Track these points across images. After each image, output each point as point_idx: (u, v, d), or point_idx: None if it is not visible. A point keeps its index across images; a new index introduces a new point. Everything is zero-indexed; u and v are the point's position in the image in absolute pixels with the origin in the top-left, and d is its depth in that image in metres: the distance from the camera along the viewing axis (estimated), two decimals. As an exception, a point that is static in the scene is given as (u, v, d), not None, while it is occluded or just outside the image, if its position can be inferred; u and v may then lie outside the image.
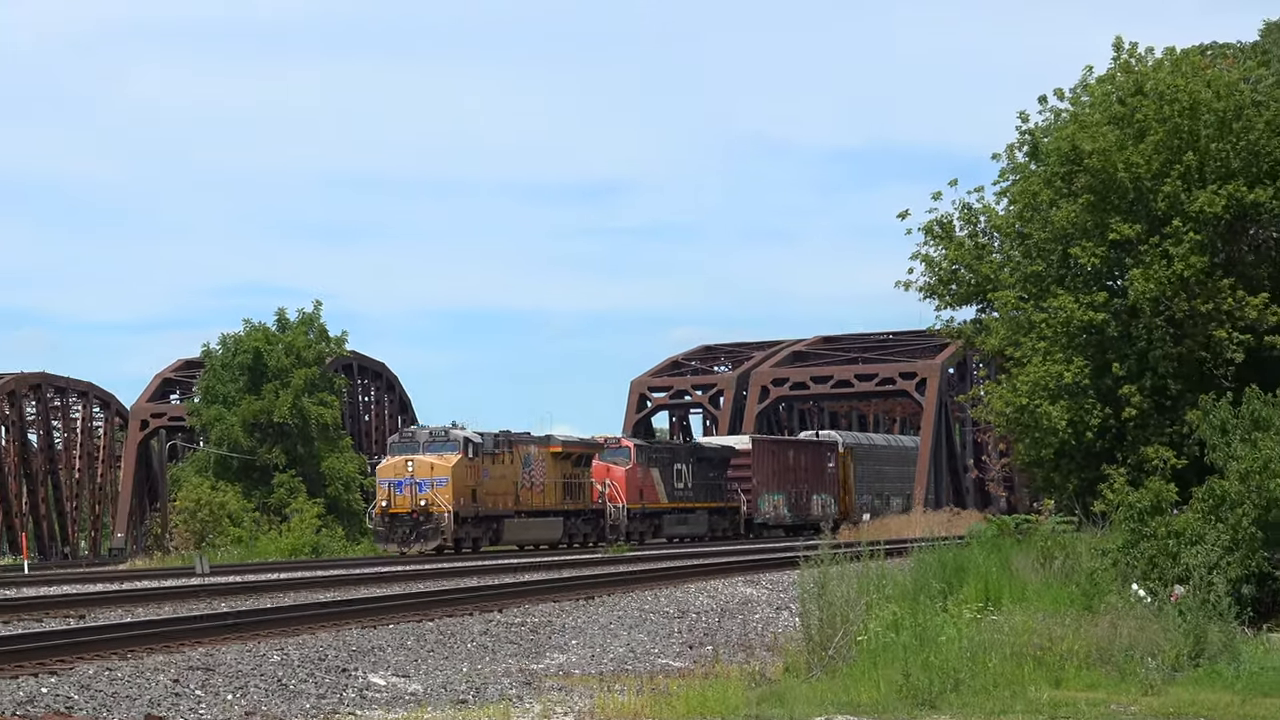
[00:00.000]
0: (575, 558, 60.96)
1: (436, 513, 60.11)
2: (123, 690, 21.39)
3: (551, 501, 68.12)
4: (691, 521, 77.48)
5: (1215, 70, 34.05)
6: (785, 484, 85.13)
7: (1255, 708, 18.99)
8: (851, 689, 20.16)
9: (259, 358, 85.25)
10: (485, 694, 22.10)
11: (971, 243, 35.24)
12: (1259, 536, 26.38)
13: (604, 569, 47.90)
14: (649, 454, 76.03)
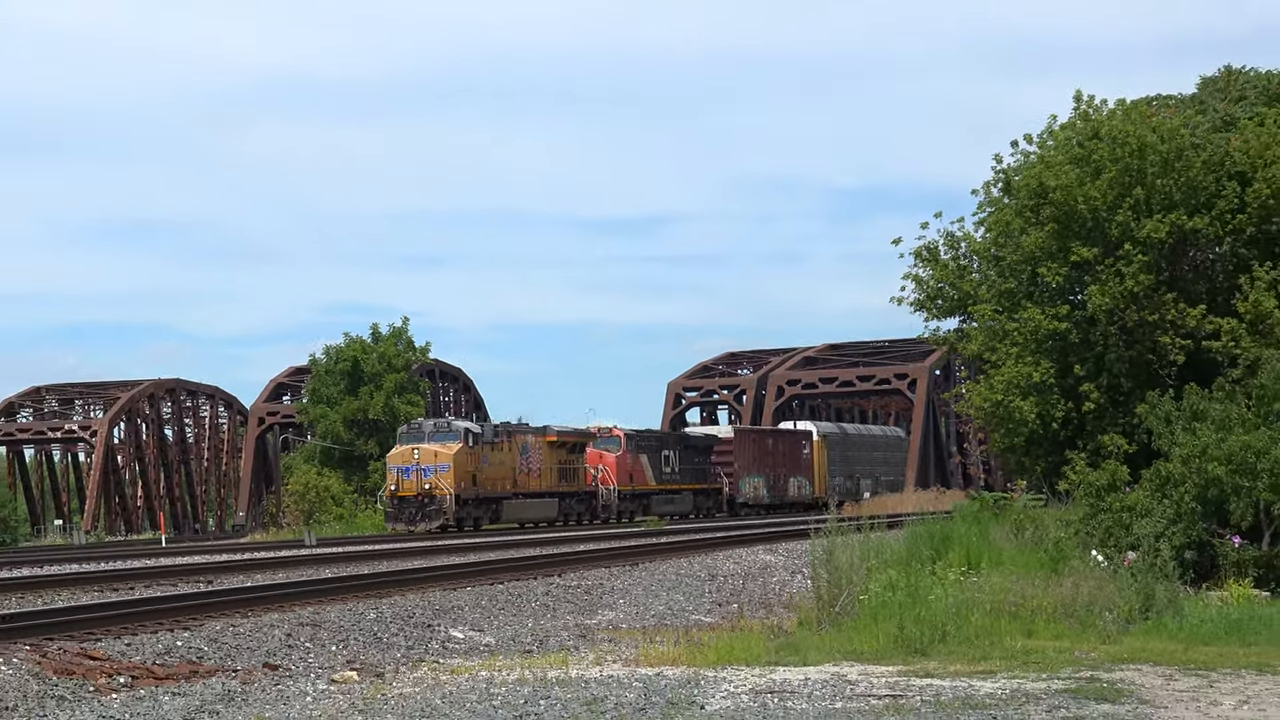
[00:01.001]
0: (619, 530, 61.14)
1: (439, 495, 58.77)
2: (244, 643, 21.44)
3: (547, 484, 66.10)
4: (677, 501, 75.41)
5: (1159, 118, 33.97)
6: (764, 468, 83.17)
7: (1196, 654, 18.90)
8: (855, 640, 20.11)
9: (356, 365, 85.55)
10: (547, 645, 22.10)
11: (954, 264, 35.19)
12: (1198, 510, 26.28)
13: (645, 540, 47.85)
14: (638, 442, 73.97)
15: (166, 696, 16.83)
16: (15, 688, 17.21)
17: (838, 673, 17.65)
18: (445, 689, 17.02)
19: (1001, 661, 18.32)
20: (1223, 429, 26.72)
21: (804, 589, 25.72)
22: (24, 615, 23.08)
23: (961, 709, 14.96)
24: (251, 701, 16.43)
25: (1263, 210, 31.79)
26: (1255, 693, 15.96)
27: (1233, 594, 24.29)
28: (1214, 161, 32.23)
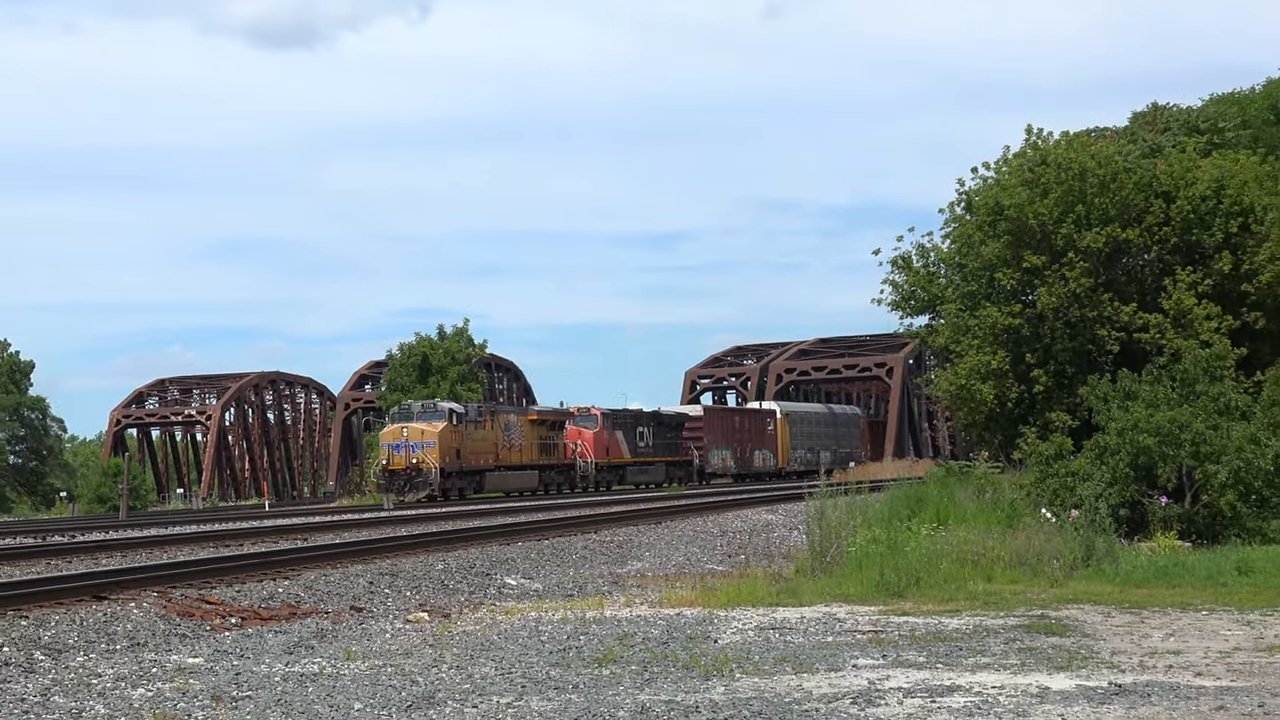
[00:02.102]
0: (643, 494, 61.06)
1: (425, 469, 56.00)
2: (334, 589, 21.54)
3: (529, 458, 62.94)
4: (651, 471, 72.38)
5: (1097, 146, 33.91)
6: (731, 442, 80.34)
7: (1129, 595, 18.90)
8: (843, 585, 20.14)
9: (426, 359, 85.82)
10: (586, 590, 22.18)
11: (924, 271, 35.13)
12: (1131, 475, 26.24)
13: (666, 503, 47.90)
14: (614, 420, 70.76)
15: (270, 634, 16.93)
16: (146, 627, 17.33)
17: (828, 612, 17.69)
18: (501, 627, 17.10)
19: (966, 602, 18.36)
20: (1151, 407, 26.69)
21: (800, 543, 25.76)
22: (152, 567, 23.22)
23: (932, 642, 14.99)
24: (340, 638, 16.53)
25: (1184, 224, 31.74)
26: (1179, 627, 15.98)
27: (1160, 545, 24.27)
28: (1143, 183, 32.16)
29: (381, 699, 12.17)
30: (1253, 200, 31.83)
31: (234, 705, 12.10)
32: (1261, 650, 14.19)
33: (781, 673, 13.13)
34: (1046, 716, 10.82)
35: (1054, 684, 12.27)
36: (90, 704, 12.26)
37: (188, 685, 13.14)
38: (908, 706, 11.36)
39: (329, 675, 13.59)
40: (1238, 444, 25.83)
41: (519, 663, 14.03)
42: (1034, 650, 14.23)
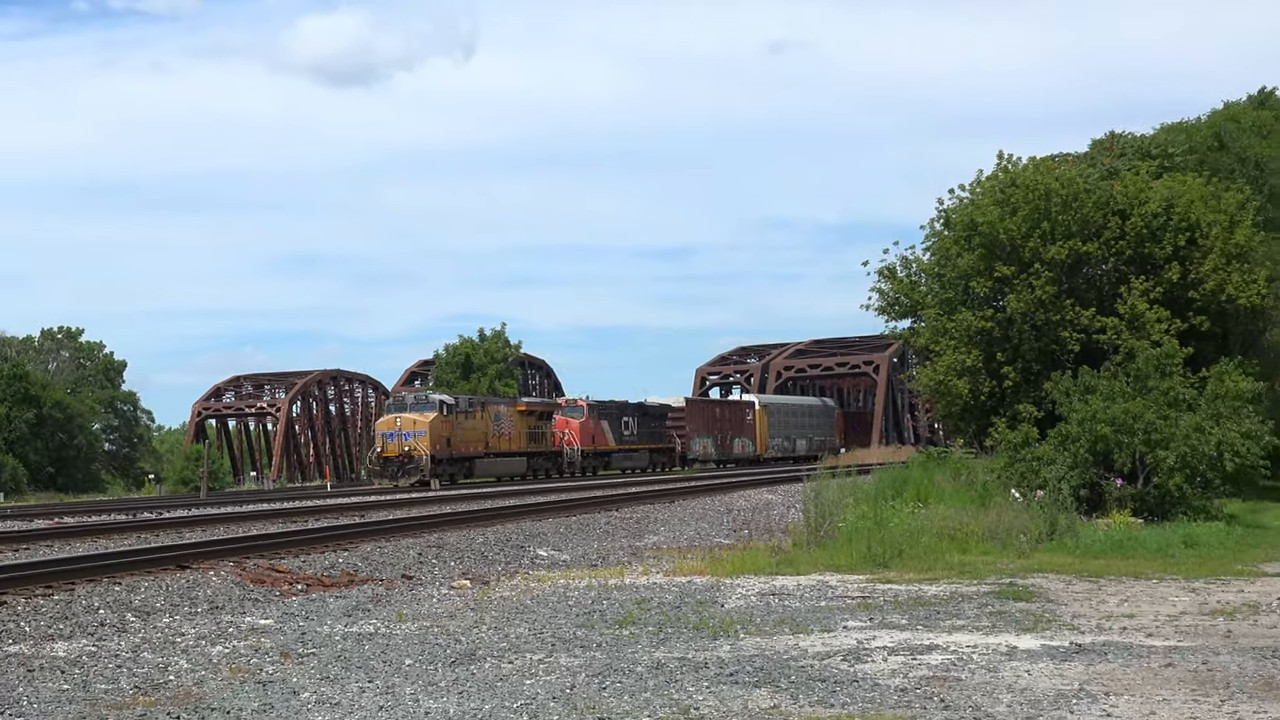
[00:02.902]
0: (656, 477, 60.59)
1: (417, 456, 53.29)
2: (388, 559, 21.60)
3: (517, 446, 59.80)
4: (635, 458, 69.09)
5: (1060, 169, 33.80)
6: (712, 431, 77.65)
7: (1088, 565, 18.87)
8: (835, 556, 20.14)
9: (468, 358, 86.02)
10: (608, 560, 22.20)
11: (907, 280, 35.03)
12: (1090, 459, 26.21)
13: (679, 484, 47.93)
14: (600, 410, 67.39)
15: (331, 599, 16.99)
16: (223, 592, 17.40)
17: (822, 580, 17.70)
18: (533, 592, 17.13)
19: (943, 572, 18.35)
20: (1108, 399, 26.65)
21: (797, 520, 25.76)
22: (228, 540, 23.32)
23: (914, 606, 14.98)
24: (393, 602, 16.58)
25: (1138, 238, 31.63)
26: (1131, 593, 15.96)
27: (1115, 521, 24.24)
28: (1101, 202, 32.06)
29: (429, 655, 12.22)
30: (1198, 217, 31.71)
31: (300, 660, 12.16)
32: (1205, 614, 14.17)
33: (780, 633, 13.14)
34: (1014, 673, 10.82)
35: (1021, 644, 12.27)
36: (175, 659, 12.33)
37: (260, 643, 13.20)
38: (892, 663, 11.38)
39: (383, 635, 13.64)
40: (1185, 432, 25.78)
41: (549, 624, 14.07)
42: (1003, 614, 14.22)
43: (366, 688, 10.66)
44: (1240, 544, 22.20)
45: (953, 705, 9.56)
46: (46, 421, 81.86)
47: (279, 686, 10.81)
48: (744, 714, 9.37)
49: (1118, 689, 10.08)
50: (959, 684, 10.37)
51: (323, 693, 10.50)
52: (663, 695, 10.05)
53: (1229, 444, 25.97)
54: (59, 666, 11.99)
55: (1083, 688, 10.12)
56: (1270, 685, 10.21)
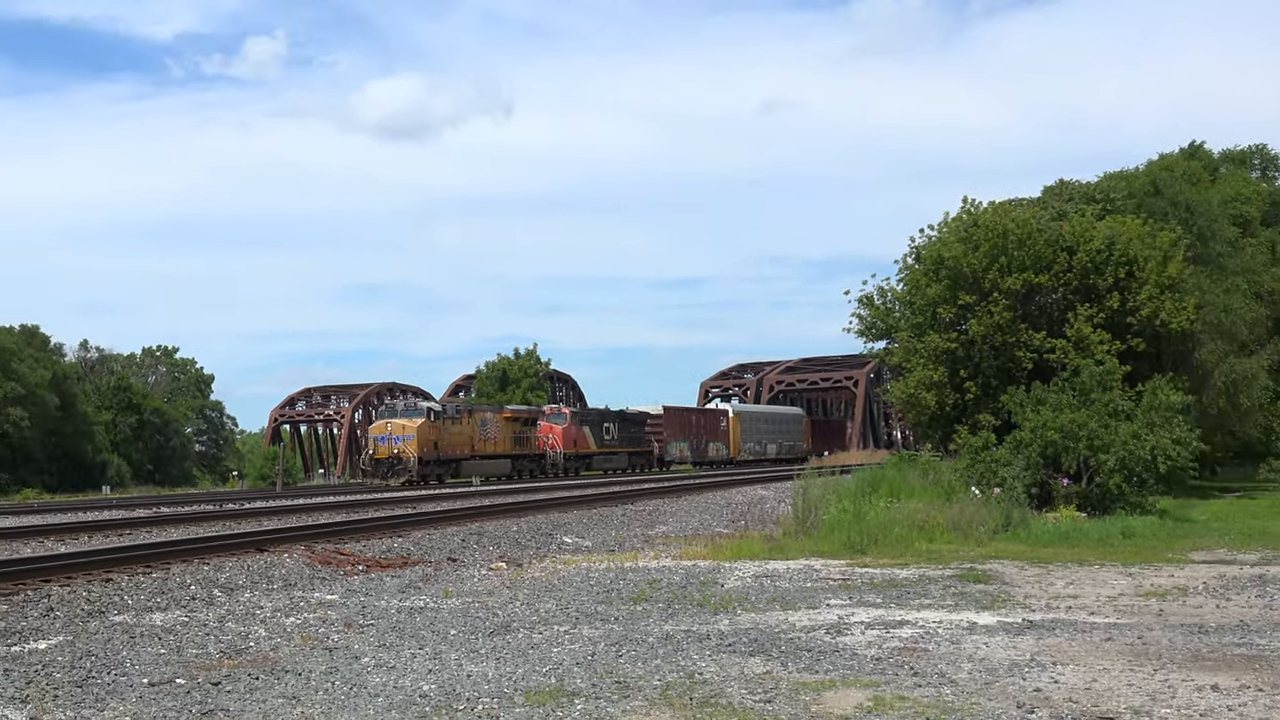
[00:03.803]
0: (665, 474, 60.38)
1: (405, 458, 50.50)
2: (435, 544, 21.63)
3: (503, 449, 56.86)
4: (615, 460, 65.80)
5: (1016, 212, 33.70)
6: (688, 436, 74.13)
7: (1038, 553, 18.81)
8: (819, 544, 20.11)
9: (504, 373, 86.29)
10: (624, 546, 22.18)
11: (883, 306, 34.93)
12: (1040, 462, 26.14)
13: (685, 482, 47.86)
14: (582, 417, 64.88)
15: (388, 578, 17.03)
16: (296, 572, 17.46)
17: (808, 564, 17.68)
18: (560, 573, 17.14)
19: (913, 558, 18.32)
20: (1057, 410, 26.59)
21: (787, 512, 25.72)
22: (300, 528, 23.39)
23: (887, 586, 14.97)
24: (440, 581, 16.61)
25: (1083, 271, 31.53)
26: (1076, 577, 15.91)
27: (1062, 515, 24.16)
28: (1051, 240, 31.97)
29: (471, 626, 12.24)
30: (1136, 253, 31.63)
31: (361, 630, 12.19)
32: (1140, 595, 14.13)
33: (772, 610, 13.14)
34: (974, 645, 10.80)
35: (980, 620, 12.25)
36: (255, 629, 12.38)
37: (326, 615, 13.24)
38: (868, 636, 11.37)
39: (431, 609, 13.67)
40: (1123, 439, 25.72)
41: (574, 601, 14.08)
42: (965, 594, 14.20)
43: (418, 654, 10.70)
44: (1171, 535, 22.13)
45: (921, 672, 9.56)
46: (147, 426, 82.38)
47: (343, 652, 10.86)
48: (741, 679, 9.38)
49: (1064, 659, 10.07)
50: (926, 654, 10.37)
51: (380, 658, 10.54)
52: (671, 662, 10.07)
53: (1162, 449, 25.90)
54: (157, 634, 12.06)
55: (1033, 658, 10.11)
56: (1197, 657, 10.19)
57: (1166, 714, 8.12)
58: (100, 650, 11.07)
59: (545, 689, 9.06)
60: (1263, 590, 14.43)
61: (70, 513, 34.02)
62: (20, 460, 66.77)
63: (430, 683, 9.40)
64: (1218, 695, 8.67)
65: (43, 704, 8.85)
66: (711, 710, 8.34)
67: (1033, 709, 8.26)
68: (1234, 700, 8.51)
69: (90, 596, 14.64)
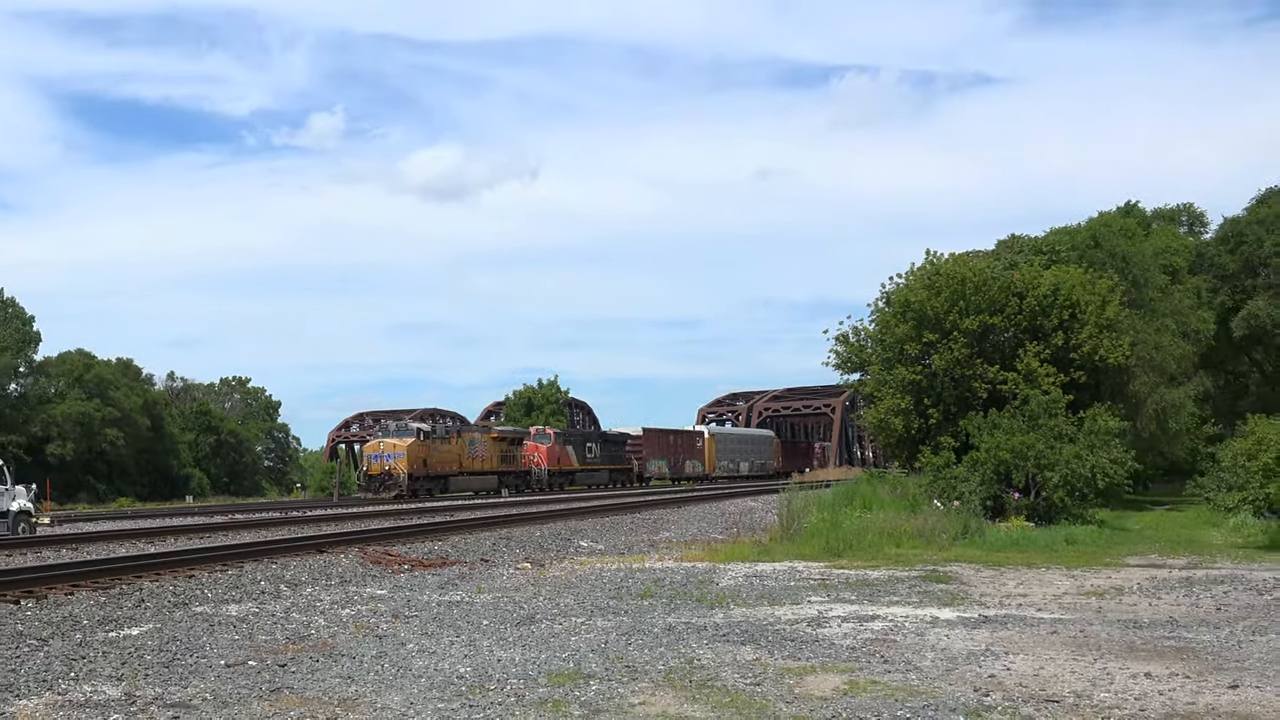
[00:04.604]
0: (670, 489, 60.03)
1: (396, 474, 46.95)
2: (470, 547, 21.61)
3: (490, 466, 53.47)
4: (596, 476, 61.81)
5: (974, 262, 33.66)
6: (666, 454, 70.32)
7: (992, 557, 18.72)
8: (802, 548, 20.05)
9: (530, 400, 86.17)
10: (632, 550, 22.12)
11: (857, 343, 34.78)
12: (994, 478, 26.01)
13: (685, 494, 47.71)
14: (565, 437, 61.47)
15: (429, 575, 17.02)
16: (350, 569, 17.47)
17: (791, 566, 17.63)
18: (578, 573, 17.12)
19: (884, 561, 18.25)
20: (1009, 433, 26.48)
21: (774, 521, 25.64)
22: (354, 532, 23.40)
23: (861, 585, 14.91)
24: (474, 579, 16.60)
25: (1031, 313, 31.43)
26: (1025, 578, 15.84)
27: (1013, 524, 24.06)
28: (1004, 286, 31.87)
29: (500, 617, 12.24)
30: (1078, 298, 31.54)
31: (406, 620, 12.20)
32: (1082, 594, 14.07)
33: (761, 605, 13.11)
34: (937, 636, 10.77)
35: (942, 615, 12.21)
36: (315, 618, 12.39)
37: (376, 608, 13.25)
38: (844, 628, 11.34)
39: (467, 602, 13.67)
40: (1066, 458, 25.61)
41: (589, 596, 14.07)
42: (928, 593, 14.15)
43: (455, 641, 10.71)
44: (1109, 542, 22.02)
45: (890, 660, 9.54)
46: (223, 445, 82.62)
47: (391, 639, 10.87)
48: (734, 664, 9.37)
49: (1015, 650, 10.03)
50: (895, 644, 10.34)
51: (423, 644, 10.55)
52: (673, 650, 10.06)
53: (1100, 467, 25.78)
54: (231, 622, 12.08)
55: (988, 648, 10.08)
56: (1132, 648, 10.15)
57: (1105, 698, 8.09)
58: (184, 636, 11.10)
59: (564, 672, 9.06)
60: (1189, 590, 14.37)
61: (158, 519, 34.10)
62: (116, 473, 66.97)
63: (466, 666, 9.41)
64: (1150, 681, 8.64)
65: (135, 682, 8.88)
66: (709, 691, 8.33)
67: (988, 692, 8.24)
68: (1165, 686, 8.49)
69: (176, 590, 14.67)
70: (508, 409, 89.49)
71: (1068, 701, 7.96)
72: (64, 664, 9.63)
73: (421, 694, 8.36)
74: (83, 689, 8.62)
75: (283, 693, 8.45)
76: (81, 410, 64.40)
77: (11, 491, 26.04)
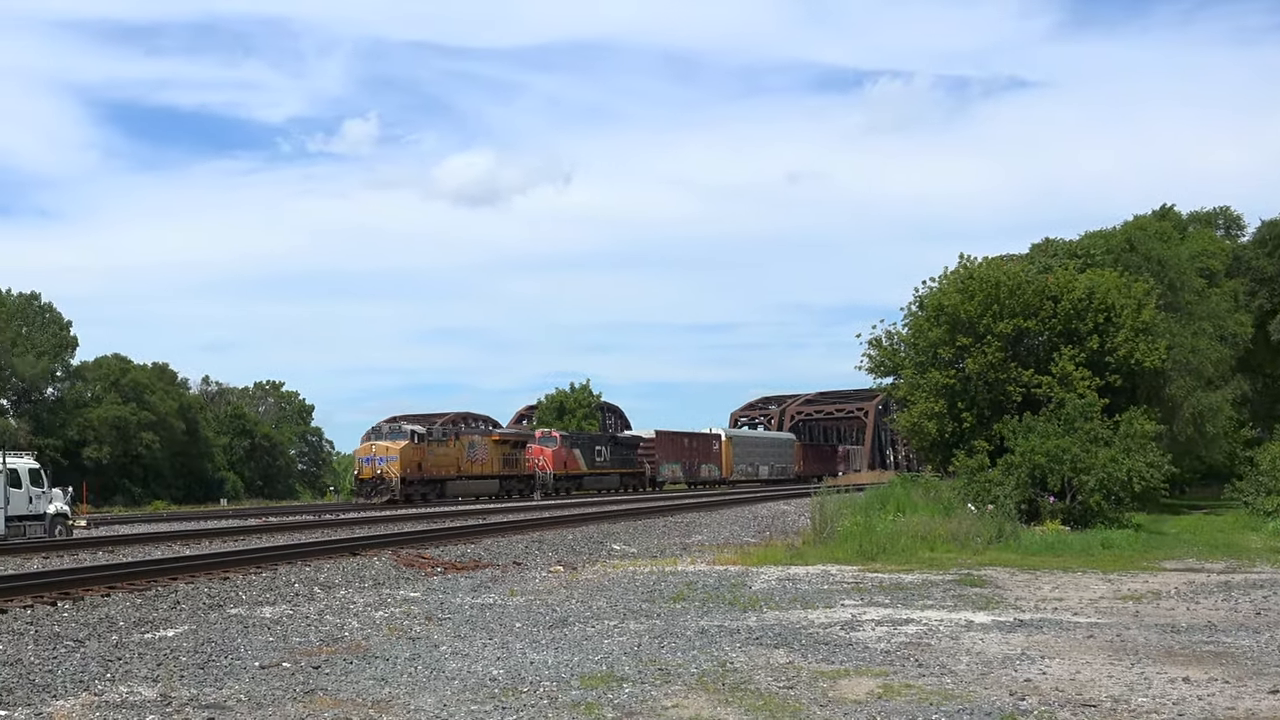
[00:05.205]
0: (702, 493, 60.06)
1: (388, 478, 44.86)
2: (502, 550, 21.66)
3: (491, 470, 51.57)
4: (606, 480, 59.91)
5: (1007, 266, 33.41)
6: (681, 458, 68.25)
7: (1027, 561, 18.55)
8: (835, 552, 19.96)
9: (562, 404, 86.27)
10: (665, 553, 22.11)
11: (890, 347, 34.62)
12: (1029, 481, 25.79)
13: (718, 497, 47.60)
14: (573, 440, 59.16)
15: (462, 578, 17.08)
16: (384, 572, 17.55)
17: (824, 569, 17.54)
18: (610, 576, 17.11)
19: (917, 564, 18.13)
20: (1044, 437, 26.27)
21: (806, 524, 25.54)
22: (388, 535, 23.54)
23: (894, 589, 14.82)
24: (506, 581, 16.63)
25: (1066, 317, 31.16)
26: (1061, 582, 15.68)
27: (1048, 528, 23.83)
28: (1039, 290, 31.61)
29: (533, 620, 12.25)
30: (1113, 301, 31.25)
31: (439, 623, 12.24)
32: (1119, 598, 13.91)
33: (794, 608, 13.05)
34: (971, 640, 10.68)
35: (976, 619, 12.10)
36: (349, 620, 12.45)
37: (410, 610, 13.30)
38: (878, 631, 11.26)
39: (499, 605, 13.69)
40: (1102, 462, 25.37)
41: (621, 599, 14.05)
42: (963, 596, 14.03)
43: (488, 643, 10.72)
44: (1146, 546, 21.76)
45: (924, 664, 9.46)
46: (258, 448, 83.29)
47: (424, 641, 10.90)
48: (767, 668, 9.33)
49: (1051, 654, 9.93)
50: (929, 648, 10.26)
51: (456, 646, 10.57)
52: (706, 653, 10.03)
53: (1137, 471, 25.53)
54: (266, 624, 12.16)
55: (1024, 652, 9.98)
56: (1169, 652, 10.02)
57: (1143, 702, 7.99)
58: (219, 638, 11.18)
59: (597, 674, 9.05)
60: (1228, 595, 14.17)
61: (193, 521, 34.44)
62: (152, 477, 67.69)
63: (499, 668, 9.42)
64: (1188, 686, 8.52)
65: (171, 683, 8.96)
66: (741, 694, 8.29)
67: (1023, 696, 8.16)
68: (1203, 691, 8.36)
69: (210, 592, 14.79)
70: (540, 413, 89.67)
71: (1105, 706, 7.86)
72: (100, 665, 9.72)
73: (454, 696, 8.38)
74: (119, 690, 8.71)
75: (316, 694, 8.49)
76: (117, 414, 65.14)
77: (49, 494, 26.39)
